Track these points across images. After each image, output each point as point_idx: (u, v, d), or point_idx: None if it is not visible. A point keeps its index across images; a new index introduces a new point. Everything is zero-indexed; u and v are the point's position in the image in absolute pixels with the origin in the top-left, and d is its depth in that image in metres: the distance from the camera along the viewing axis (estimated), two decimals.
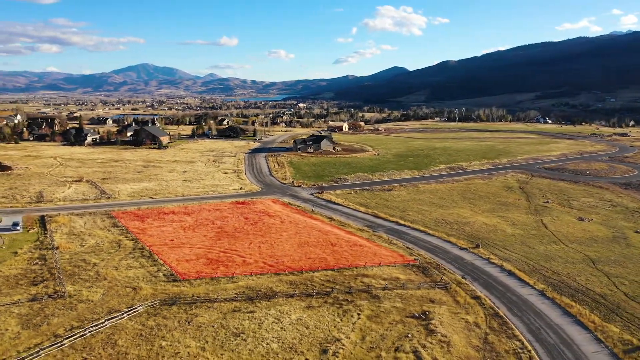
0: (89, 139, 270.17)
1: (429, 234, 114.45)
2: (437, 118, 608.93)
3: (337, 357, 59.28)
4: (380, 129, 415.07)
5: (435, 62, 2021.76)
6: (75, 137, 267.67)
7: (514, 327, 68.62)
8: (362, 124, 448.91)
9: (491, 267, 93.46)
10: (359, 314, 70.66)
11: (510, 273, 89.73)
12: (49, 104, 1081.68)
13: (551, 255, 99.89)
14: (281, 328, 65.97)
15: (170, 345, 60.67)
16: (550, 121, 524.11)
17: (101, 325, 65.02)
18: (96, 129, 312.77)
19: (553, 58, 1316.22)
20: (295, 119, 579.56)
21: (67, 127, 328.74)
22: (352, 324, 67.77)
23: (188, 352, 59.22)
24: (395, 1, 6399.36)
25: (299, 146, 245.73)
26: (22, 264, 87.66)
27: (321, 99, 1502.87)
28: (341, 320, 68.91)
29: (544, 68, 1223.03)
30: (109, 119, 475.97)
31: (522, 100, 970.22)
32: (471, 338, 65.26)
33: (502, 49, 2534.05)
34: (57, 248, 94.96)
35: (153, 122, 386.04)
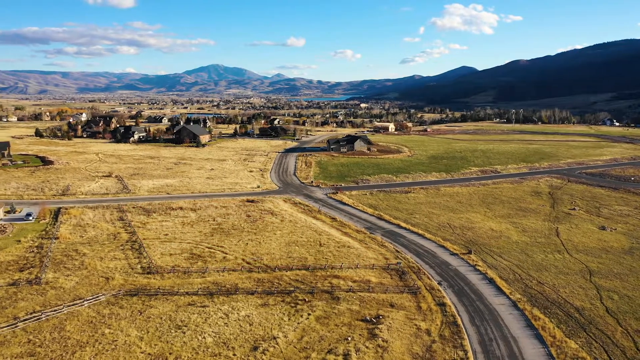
0: (135, 136, 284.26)
1: (425, 237, 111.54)
2: (497, 119, 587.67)
3: (266, 355, 59.61)
4: (428, 130, 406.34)
5: (506, 62, 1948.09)
6: (122, 135, 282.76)
7: (465, 337, 65.88)
8: (409, 124, 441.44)
9: (474, 274, 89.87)
10: (309, 314, 70.47)
11: (491, 281, 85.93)
12: (123, 103, 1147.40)
13: (546, 265, 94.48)
14: (225, 323, 67.14)
15: (112, 334, 63.46)
16: (617, 124, 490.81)
17: (59, 310, 69.08)
18: (147, 127, 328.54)
19: (634, 56, 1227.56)
20: (349, 119, 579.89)
21: (123, 125, 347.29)
22: (298, 323, 67.76)
23: (125, 341, 61.74)
24: None
25: (332, 146, 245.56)
26: (20, 251, 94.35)
27: (385, 99, 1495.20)
28: (289, 319, 69.07)
29: (624, 67, 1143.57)
30: (164, 118, 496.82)
31: (596, 101, 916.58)
32: (414, 345, 63.37)
33: (579, 47, 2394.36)
34: (57, 238, 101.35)
35: (204, 121, 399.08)
